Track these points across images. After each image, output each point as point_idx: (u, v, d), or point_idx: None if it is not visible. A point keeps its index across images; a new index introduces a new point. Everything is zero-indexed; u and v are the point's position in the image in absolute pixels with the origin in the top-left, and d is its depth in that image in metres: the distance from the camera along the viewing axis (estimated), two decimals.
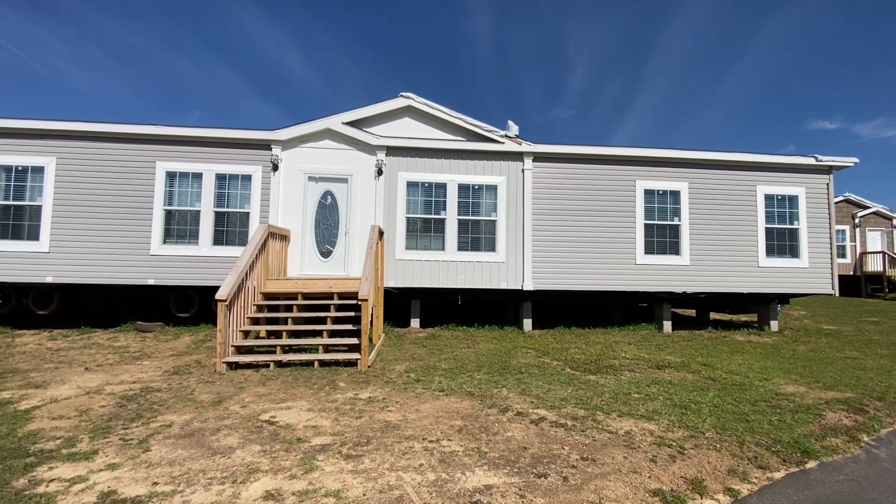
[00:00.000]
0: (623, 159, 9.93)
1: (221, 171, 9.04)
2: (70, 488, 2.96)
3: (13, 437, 3.78)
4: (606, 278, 9.70)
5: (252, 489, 2.97)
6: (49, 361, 6.54)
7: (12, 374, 5.85)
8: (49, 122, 8.71)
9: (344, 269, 9.21)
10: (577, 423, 4.27)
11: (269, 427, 4.05)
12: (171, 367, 6.27)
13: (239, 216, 9.06)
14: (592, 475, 3.25)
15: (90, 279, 8.64)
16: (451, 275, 9.36)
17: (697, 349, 8.05)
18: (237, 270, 6.59)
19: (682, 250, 9.92)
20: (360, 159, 9.44)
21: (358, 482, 3.08)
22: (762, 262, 10.04)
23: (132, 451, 3.53)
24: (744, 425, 4.26)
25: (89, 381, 5.52)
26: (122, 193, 8.81)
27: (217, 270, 8.64)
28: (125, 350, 7.30)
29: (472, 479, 3.15)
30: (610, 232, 9.79)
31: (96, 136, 8.84)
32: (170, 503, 2.80)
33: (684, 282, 9.85)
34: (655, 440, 3.88)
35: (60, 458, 3.39)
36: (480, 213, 9.58)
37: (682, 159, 10.03)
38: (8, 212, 8.60)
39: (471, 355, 7.14)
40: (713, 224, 10.02)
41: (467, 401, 4.86)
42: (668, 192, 9.99)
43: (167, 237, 8.88)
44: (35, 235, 8.59)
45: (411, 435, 3.90)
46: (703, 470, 3.37)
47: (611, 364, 6.73)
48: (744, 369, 6.54)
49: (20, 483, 3.01)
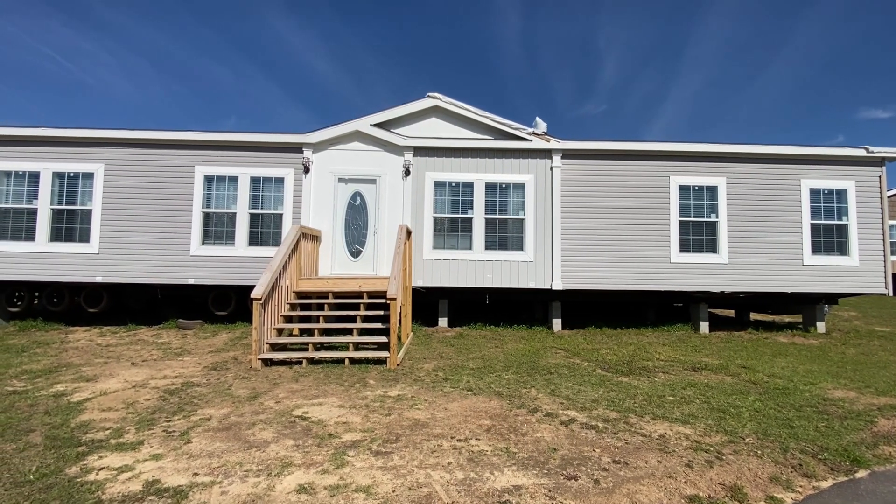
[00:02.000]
0: (656, 154, 9.64)
1: (256, 174, 9.34)
2: (118, 476, 3.13)
3: (67, 428, 4.03)
4: (639, 277, 9.44)
5: (286, 482, 3.06)
6: (99, 356, 6.93)
7: (66, 367, 6.23)
8: (98, 130, 9.24)
9: (373, 268, 9.34)
10: (608, 425, 4.18)
11: (301, 422, 4.16)
12: (209, 363, 6.53)
13: (272, 217, 9.34)
14: (625, 479, 3.18)
15: (136, 279, 9.11)
16: (478, 274, 9.33)
17: (737, 351, 7.73)
18: (271, 270, 6.79)
19: (720, 248, 9.54)
20: (387, 160, 9.55)
21: (387, 479, 3.12)
22: (807, 259, 9.53)
23: (174, 443, 3.70)
24: (787, 431, 4.06)
25: (135, 376, 5.82)
26: (164, 197, 9.24)
27: (252, 270, 8.93)
28: (167, 346, 7.66)
29: (500, 479, 3.13)
30: (643, 230, 9.52)
31: (140, 142, 9.30)
32: (209, 493, 2.92)
33: (722, 281, 9.47)
34: (691, 444, 3.76)
35: (109, 448, 3.59)
36: (508, 212, 9.51)
37: (720, 153, 9.64)
38: (61, 216, 9.18)
39: (499, 355, 7.11)
40: (753, 220, 9.59)
41: (496, 400, 4.84)
42: (704, 187, 9.63)
43: (205, 238, 9.25)
44: (86, 238, 9.12)
45: (440, 433, 3.92)
46: (743, 477, 3.24)
47: (644, 365, 6.55)
48: (787, 373, 6.24)
49: (73, 471, 3.21)
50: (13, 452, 3.49)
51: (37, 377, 5.70)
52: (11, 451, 3.52)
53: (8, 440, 3.72)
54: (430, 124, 9.84)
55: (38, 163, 9.17)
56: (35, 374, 5.82)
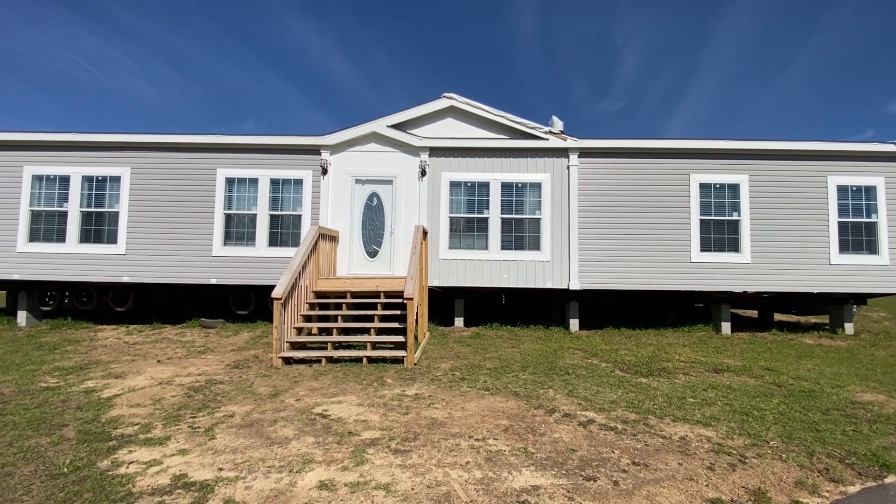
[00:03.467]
0: (676, 152, 9.48)
1: (275, 176, 9.51)
2: (147, 470, 3.24)
3: (98, 423, 4.18)
4: (658, 277, 9.30)
5: (307, 478, 3.13)
6: (126, 354, 7.16)
7: (96, 365, 6.45)
8: (124, 135, 9.53)
9: (389, 268, 9.41)
10: (627, 426, 4.14)
11: (321, 420, 4.23)
12: (231, 361, 6.68)
13: (292, 218, 9.49)
14: (644, 481, 3.15)
15: (160, 279, 9.37)
16: (494, 274, 9.33)
17: (760, 352, 7.56)
18: (291, 270, 6.91)
19: (743, 247, 9.33)
20: (404, 161, 9.61)
21: (406, 477, 3.15)
22: (834, 259, 9.25)
23: (199, 439, 3.80)
24: (813, 435, 3.97)
25: (161, 373, 5.99)
26: (187, 199, 9.48)
27: (272, 270, 9.09)
28: (191, 345, 7.86)
29: (518, 479, 3.14)
30: (662, 229, 9.38)
31: (164, 146, 9.56)
32: (234, 488, 3.00)
33: (745, 281, 9.27)
34: (713, 447, 3.70)
35: (138, 443, 3.72)
36: (524, 212, 9.47)
37: (742, 150, 9.43)
38: (90, 218, 9.50)
39: (516, 355, 7.10)
40: (777, 219, 9.35)
41: (513, 400, 4.85)
42: (725, 185, 9.43)
43: (227, 239, 9.46)
44: (113, 239, 9.42)
45: (457, 433, 3.94)
46: (767, 480, 3.18)
47: (664, 367, 6.46)
48: (814, 375, 6.08)
49: (104, 464, 3.34)
50: (48, 446, 3.64)
51: (68, 374, 5.92)
52: (47, 444, 3.67)
53: (43, 434, 3.88)
54: (445, 125, 9.86)
55: (68, 167, 9.51)
56: (67, 371, 6.05)
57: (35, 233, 9.45)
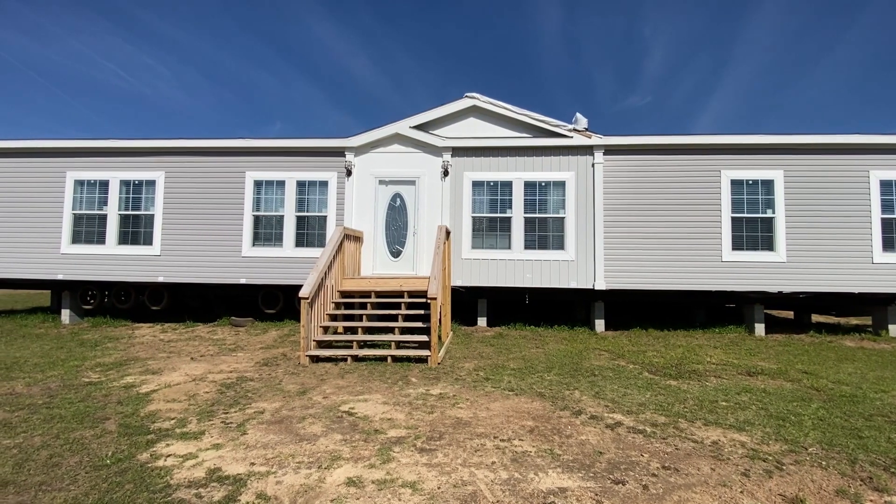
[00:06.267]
0: (706, 148, 9.21)
1: (301, 178, 9.71)
2: (183, 464, 3.36)
3: (137, 417, 4.37)
4: (687, 277, 9.06)
5: (336, 475, 3.18)
6: (162, 351, 7.44)
7: (134, 361, 6.74)
8: (158, 140, 9.92)
9: (412, 268, 9.48)
10: (656, 429, 4.05)
11: (348, 418, 4.30)
12: (261, 358, 6.86)
13: (317, 219, 9.68)
14: (675, 485, 3.08)
15: (193, 279, 9.70)
16: (517, 274, 9.27)
17: (797, 355, 7.27)
18: (317, 270, 7.05)
19: (777, 245, 8.99)
20: (426, 161, 9.66)
21: (432, 475, 3.17)
22: (878, 257, 8.81)
23: (232, 434, 3.92)
24: (855, 442, 3.79)
25: (195, 370, 6.21)
26: (218, 201, 9.79)
27: (299, 270, 9.30)
28: (222, 342, 8.11)
29: (545, 481, 3.12)
30: (691, 227, 9.13)
31: (196, 150, 9.90)
32: (265, 483, 3.09)
33: (780, 280, 8.93)
34: (748, 453, 3.58)
35: (175, 437, 3.86)
36: (548, 211, 9.38)
37: (776, 145, 9.09)
38: (128, 220, 9.92)
39: (540, 356, 7.04)
40: (815, 216, 8.97)
41: (538, 401, 4.81)
42: (759, 181, 9.11)
43: (255, 240, 9.72)
44: (149, 240, 9.81)
45: (482, 433, 3.94)
46: (806, 488, 3.06)
47: (694, 369, 6.29)
48: (855, 379, 5.80)
49: (144, 456, 3.48)
50: (92, 438, 3.82)
51: (109, 369, 6.20)
52: (90, 436, 3.85)
53: (87, 427, 4.08)
54: (468, 124, 9.86)
55: (107, 171, 9.96)
56: (107, 367, 6.33)
57: (77, 235, 9.93)
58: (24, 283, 10.20)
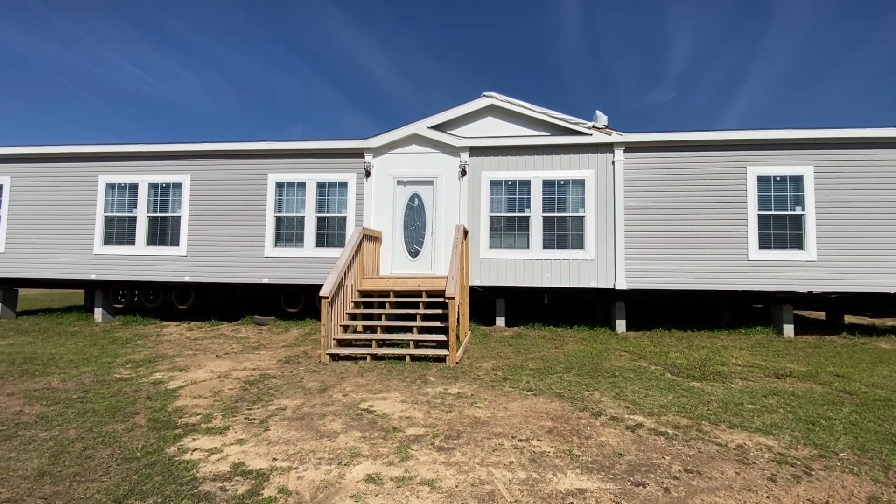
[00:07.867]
0: (731, 144, 8.96)
1: (322, 180, 9.87)
2: (209, 458, 3.46)
3: (165, 412, 4.52)
4: (712, 277, 8.84)
5: (355, 471, 3.23)
6: (189, 349, 7.66)
7: (162, 358, 6.96)
8: (184, 144, 10.21)
9: (431, 267, 9.52)
10: (679, 432, 3.98)
11: (367, 415, 4.36)
12: (283, 356, 7.00)
13: (337, 220, 9.82)
14: (698, 489, 3.02)
15: (218, 278, 9.96)
16: (536, 273, 9.21)
17: (828, 357, 7.01)
18: (337, 270, 7.15)
19: (807, 244, 8.69)
20: (444, 161, 9.68)
21: (450, 474, 3.19)
22: None
23: (255, 430, 4.02)
24: (890, 447, 3.64)
25: (219, 367, 6.38)
26: (241, 203, 10.03)
27: (319, 270, 9.45)
28: (246, 341, 8.30)
29: (564, 482, 3.10)
30: (715, 225, 8.90)
31: (220, 153, 10.16)
32: (287, 478, 3.16)
33: (810, 280, 8.62)
34: (774, 457, 3.48)
35: (201, 432, 3.98)
36: (567, 210, 9.28)
37: (806, 140, 8.78)
38: (156, 222, 10.26)
39: (559, 356, 6.98)
40: (847, 213, 8.63)
41: (557, 402, 4.77)
42: (787, 177, 8.82)
43: (277, 241, 9.92)
44: (176, 241, 10.12)
45: (500, 432, 3.94)
46: (836, 495, 2.96)
47: (718, 370, 6.14)
48: (890, 383, 5.57)
49: (172, 450, 3.60)
50: (123, 432, 3.97)
51: (139, 366, 6.43)
52: (121, 430, 4.01)
53: (118, 421, 4.24)
54: (486, 123, 9.84)
55: (136, 175, 10.32)
56: (137, 364, 6.57)
57: (109, 236, 10.32)
58: (60, 282, 10.66)
